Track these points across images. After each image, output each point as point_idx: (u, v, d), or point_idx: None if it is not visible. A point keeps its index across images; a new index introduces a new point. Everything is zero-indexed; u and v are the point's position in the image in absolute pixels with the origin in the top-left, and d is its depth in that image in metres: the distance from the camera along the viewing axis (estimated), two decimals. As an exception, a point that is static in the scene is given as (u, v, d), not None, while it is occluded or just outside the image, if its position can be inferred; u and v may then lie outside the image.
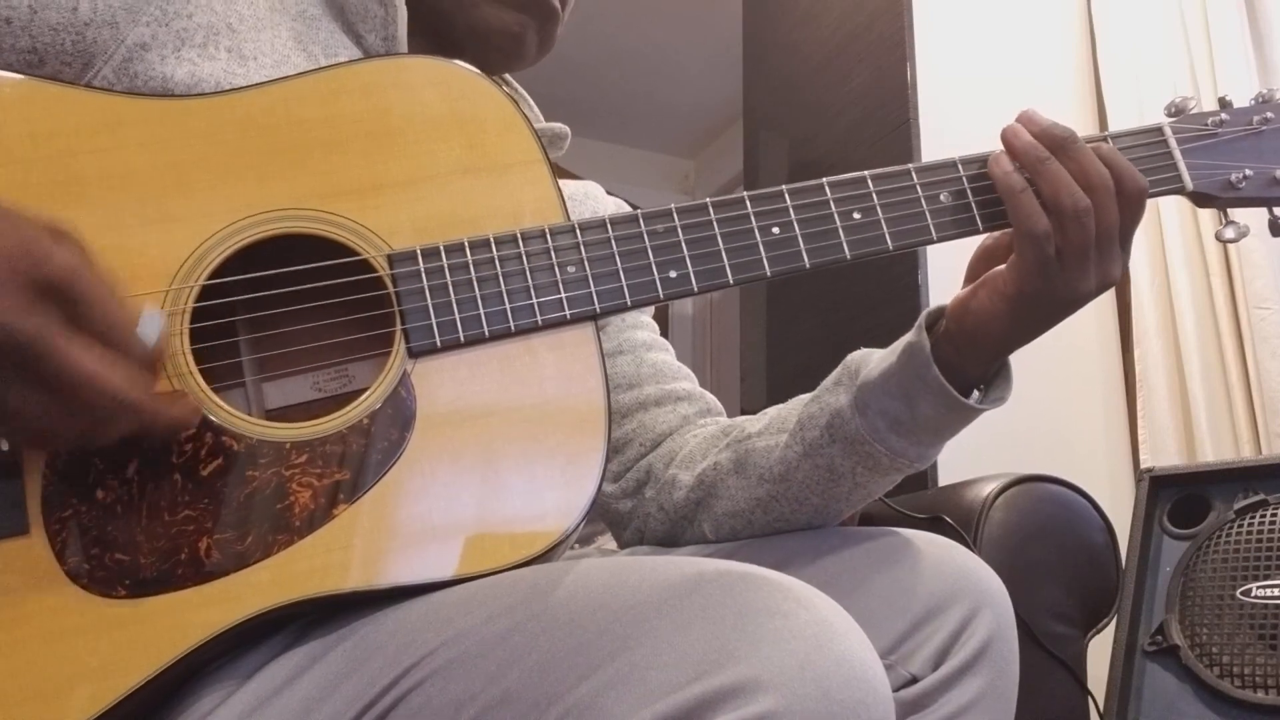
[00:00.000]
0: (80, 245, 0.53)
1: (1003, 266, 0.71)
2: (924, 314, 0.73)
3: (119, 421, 0.53)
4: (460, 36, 0.85)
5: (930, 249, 1.88)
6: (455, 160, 0.67)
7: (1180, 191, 0.75)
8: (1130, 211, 0.70)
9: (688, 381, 0.94)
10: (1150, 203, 0.73)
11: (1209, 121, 0.77)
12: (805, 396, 0.80)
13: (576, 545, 1.04)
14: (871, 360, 0.75)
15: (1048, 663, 1.33)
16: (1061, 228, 0.67)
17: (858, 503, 0.79)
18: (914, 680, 0.69)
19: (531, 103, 0.96)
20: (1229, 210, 0.78)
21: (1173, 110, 0.78)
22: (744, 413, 0.89)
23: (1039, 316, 0.71)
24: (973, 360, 0.73)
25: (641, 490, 0.88)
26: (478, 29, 0.85)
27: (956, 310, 0.73)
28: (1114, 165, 0.69)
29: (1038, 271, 0.68)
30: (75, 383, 0.50)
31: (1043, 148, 0.69)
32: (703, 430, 0.89)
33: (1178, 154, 0.75)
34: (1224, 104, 0.78)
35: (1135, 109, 2.09)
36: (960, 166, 0.72)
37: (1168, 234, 2.04)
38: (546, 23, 0.88)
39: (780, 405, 0.84)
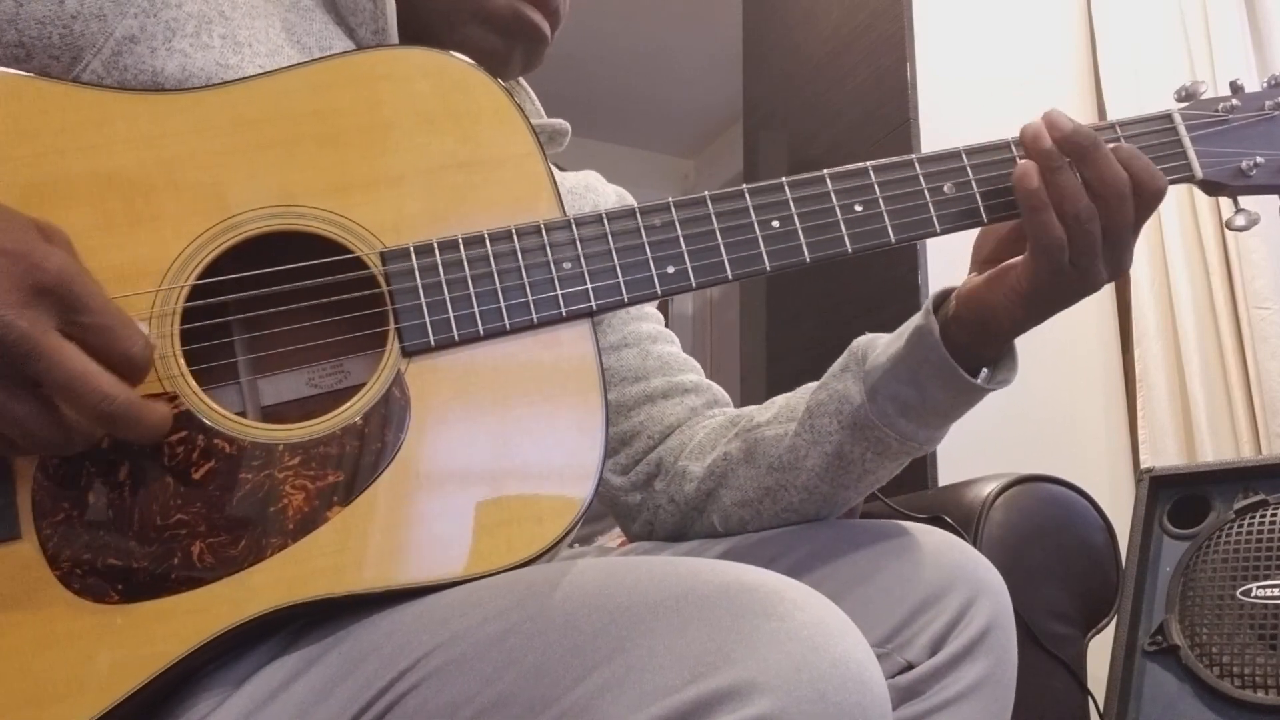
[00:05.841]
0: (71, 248, 0.53)
1: (1016, 263, 0.71)
2: (930, 297, 0.74)
3: (101, 427, 0.53)
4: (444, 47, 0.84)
5: (931, 249, 1.91)
6: (449, 154, 0.65)
7: (1190, 180, 0.74)
8: (1145, 209, 0.70)
9: (694, 374, 0.94)
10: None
11: (1220, 107, 0.75)
12: (813, 385, 0.80)
13: (575, 544, 1.04)
14: (878, 345, 0.76)
15: (1048, 663, 1.33)
16: (1070, 234, 0.68)
17: (864, 490, 0.80)
18: (909, 667, 0.69)
19: (532, 94, 0.95)
20: (1239, 198, 0.76)
21: (1183, 94, 0.76)
22: (744, 413, 0.89)
23: (1051, 308, 0.71)
24: (984, 345, 0.73)
25: (651, 483, 0.88)
26: (461, 47, 0.81)
27: (969, 298, 0.73)
28: (1134, 168, 0.68)
29: (1051, 275, 0.69)
30: (62, 383, 0.50)
31: (1059, 156, 0.68)
32: (711, 422, 0.89)
33: (1187, 142, 0.74)
34: (1235, 89, 0.76)
35: (1135, 109, 2.08)
36: (965, 156, 0.71)
37: (1168, 234, 2.04)
38: (536, 44, 0.86)
39: (788, 394, 0.84)
